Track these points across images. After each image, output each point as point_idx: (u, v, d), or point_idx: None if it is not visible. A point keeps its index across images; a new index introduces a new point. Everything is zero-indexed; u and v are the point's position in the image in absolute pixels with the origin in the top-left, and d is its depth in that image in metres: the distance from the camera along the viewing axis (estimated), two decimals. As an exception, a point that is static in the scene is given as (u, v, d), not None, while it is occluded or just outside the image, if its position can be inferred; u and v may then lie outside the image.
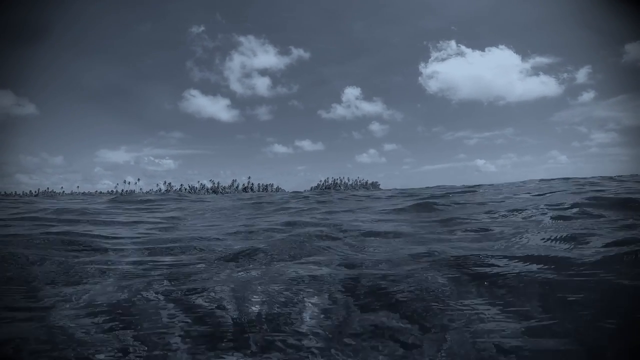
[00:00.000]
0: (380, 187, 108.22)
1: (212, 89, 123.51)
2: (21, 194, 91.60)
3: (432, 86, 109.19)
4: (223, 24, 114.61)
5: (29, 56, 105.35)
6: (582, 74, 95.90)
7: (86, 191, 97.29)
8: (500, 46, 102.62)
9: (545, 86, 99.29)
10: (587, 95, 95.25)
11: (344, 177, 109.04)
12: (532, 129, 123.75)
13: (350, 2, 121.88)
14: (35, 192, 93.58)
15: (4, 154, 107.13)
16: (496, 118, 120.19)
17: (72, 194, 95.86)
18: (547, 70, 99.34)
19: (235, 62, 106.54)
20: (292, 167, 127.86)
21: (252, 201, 14.66)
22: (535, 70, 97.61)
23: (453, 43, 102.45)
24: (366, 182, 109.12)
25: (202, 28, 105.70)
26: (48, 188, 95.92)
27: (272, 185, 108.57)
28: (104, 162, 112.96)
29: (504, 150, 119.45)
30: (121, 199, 17.93)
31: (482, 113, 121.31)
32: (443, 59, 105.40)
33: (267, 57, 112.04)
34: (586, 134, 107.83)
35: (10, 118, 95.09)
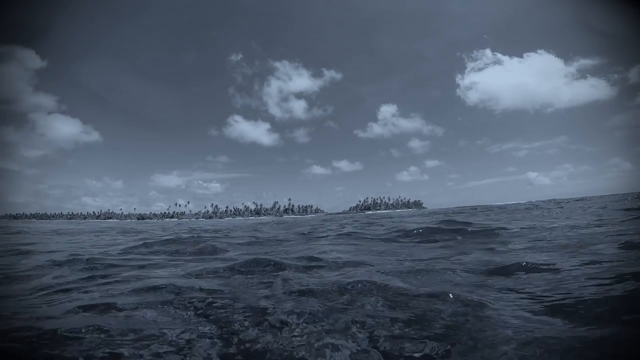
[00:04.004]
0: (424, 205, 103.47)
1: (253, 114, 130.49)
2: (86, 214, 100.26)
3: (472, 97, 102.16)
4: (259, 51, 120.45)
5: (92, 85, 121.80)
6: (634, 73, 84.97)
7: (141, 212, 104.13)
8: (539, 51, 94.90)
9: (596, 89, 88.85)
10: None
11: (384, 197, 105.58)
12: (587, 135, 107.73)
13: (378, 19, 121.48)
14: (98, 212, 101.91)
15: (75, 178, 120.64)
16: (546, 126, 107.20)
17: (129, 215, 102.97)
18: (595, 72, 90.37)
19: (273, 87, 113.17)
20: (331, 188, 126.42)
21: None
22: (582, 73, 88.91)
23: (488, 51, 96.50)
24: (408, 201, 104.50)
25: (240, 56, 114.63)
26: (109, 210, 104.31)
27: (311, 206, 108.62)
28: (158, 186, 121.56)
29: (558, 160, 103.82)
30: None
31: (530, 122, 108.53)
32: (480, 69, 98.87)
33: (302, 80, 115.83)
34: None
35: (79, 145, 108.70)
